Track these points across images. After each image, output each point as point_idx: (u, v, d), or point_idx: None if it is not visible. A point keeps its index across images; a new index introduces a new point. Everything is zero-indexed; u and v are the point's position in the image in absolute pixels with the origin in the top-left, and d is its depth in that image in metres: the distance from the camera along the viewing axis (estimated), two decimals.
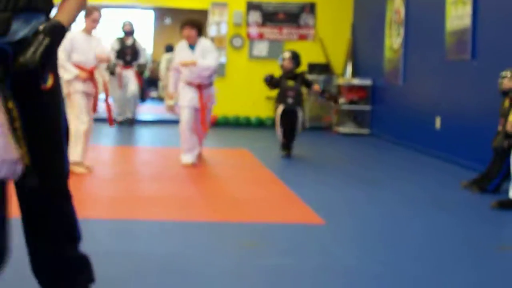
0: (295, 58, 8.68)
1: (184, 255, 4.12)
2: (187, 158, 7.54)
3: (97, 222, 4.85)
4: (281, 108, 8.49)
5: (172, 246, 4.33)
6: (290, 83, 8.54)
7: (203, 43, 7.62)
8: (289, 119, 8.46)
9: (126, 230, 4.72)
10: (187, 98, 7.52)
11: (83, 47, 6.81)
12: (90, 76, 6.83)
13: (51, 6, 2.54)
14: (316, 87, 8.89)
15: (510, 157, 5.98)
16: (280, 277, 3.77)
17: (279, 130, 8.46)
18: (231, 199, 5.95)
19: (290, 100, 8.44)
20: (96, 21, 6.83)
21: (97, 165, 7.20)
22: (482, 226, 5.29)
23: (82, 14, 6.48)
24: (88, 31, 6.88)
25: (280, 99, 8.59)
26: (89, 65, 6.83)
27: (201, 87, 7.57)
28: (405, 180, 7.36)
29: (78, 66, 6.74)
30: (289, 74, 8.62)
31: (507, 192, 5.96)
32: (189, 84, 7.56)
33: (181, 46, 7.70)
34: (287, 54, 8.73)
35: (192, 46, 7.57)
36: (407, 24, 10.46)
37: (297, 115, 8.46)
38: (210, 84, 7.76)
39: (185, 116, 7.51)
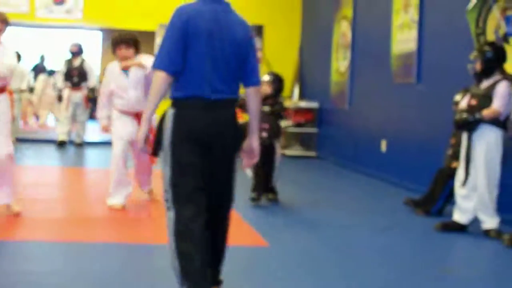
0: (276, 82, 7.06)
1: (119, 276, 4.04)
2: (117, 199, 6.31)
3: (41, 244, 4.75)
4: None
5: (109, 266, 4.25)
6: (266, 110, 6.83)
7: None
8: (262, 156, 6.85)
9: (67, 252, 4.60)
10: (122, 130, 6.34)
11: None
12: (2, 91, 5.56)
13: None
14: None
15: (453, 179, 6.01)
16: None
17: (249, 169, 6.82)
18: None
19: (264, 134, 6.77)
20: None
21: (43, 186, 7.01)
22: (426, 249, 5.30)
23: None
24: None
25: None
26: None
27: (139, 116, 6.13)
28: (350, 203, 7.36)
29: None
30: (267, 101, 6.93)
31: (451, 214, 6.00)
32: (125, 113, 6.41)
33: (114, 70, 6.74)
34: (266, 77, 7.04)
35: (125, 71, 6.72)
36: (353, 48, 10.54)
37: (274, 150, 6.93)
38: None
39: (118, 149, 6.26)
